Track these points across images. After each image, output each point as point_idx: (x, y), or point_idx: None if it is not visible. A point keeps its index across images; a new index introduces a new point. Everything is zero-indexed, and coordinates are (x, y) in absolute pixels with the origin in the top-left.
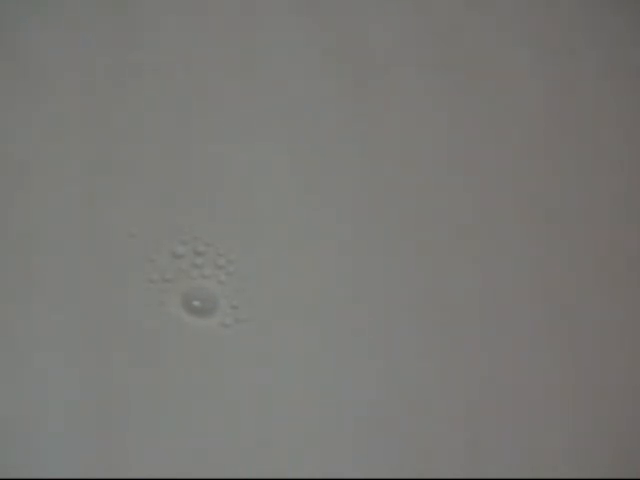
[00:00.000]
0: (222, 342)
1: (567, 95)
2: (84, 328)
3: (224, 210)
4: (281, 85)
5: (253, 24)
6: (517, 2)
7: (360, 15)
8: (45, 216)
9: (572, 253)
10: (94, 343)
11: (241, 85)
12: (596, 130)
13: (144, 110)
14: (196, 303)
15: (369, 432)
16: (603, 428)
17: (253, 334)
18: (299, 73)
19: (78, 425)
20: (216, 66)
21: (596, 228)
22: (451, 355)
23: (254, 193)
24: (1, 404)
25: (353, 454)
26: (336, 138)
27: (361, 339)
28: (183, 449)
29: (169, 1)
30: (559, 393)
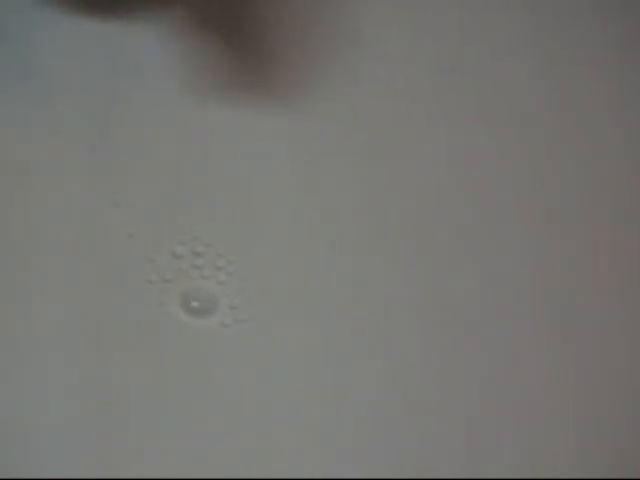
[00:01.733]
0: (222, 342)
1: (567, 95)
2: (84, 328)
3: (224, 210)
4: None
5: None
6: (517, 2)
7: (360, 15)
8: (45, 216)
9: (572, 253)
10: (94, 343)
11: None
12: (596, 130)
13: (144, 110)
14: (195, 304)
15: (369, 432)
16: (603, 428)
17: (253, 334)
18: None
19: (78, 425)
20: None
21: (596, 228)
22: (451, 355)
23: (254, 193)
24: (1, 404)
25: (353, 454)
26: (336, 138)
27: (361, 339)
28: (183, 449)
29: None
30: (559, 393)
